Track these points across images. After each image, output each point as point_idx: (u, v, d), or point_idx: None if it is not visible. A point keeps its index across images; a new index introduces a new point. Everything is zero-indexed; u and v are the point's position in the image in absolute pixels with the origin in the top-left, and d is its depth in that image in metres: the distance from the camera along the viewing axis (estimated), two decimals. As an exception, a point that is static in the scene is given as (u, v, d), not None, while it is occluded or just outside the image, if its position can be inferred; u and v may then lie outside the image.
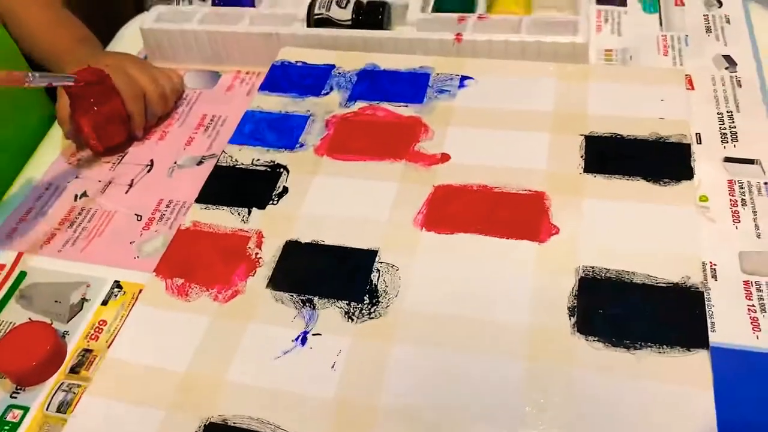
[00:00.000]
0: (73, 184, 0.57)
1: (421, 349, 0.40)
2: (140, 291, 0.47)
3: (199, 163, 0.57)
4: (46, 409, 0.42)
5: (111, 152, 0.59)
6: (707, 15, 0.65)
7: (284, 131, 0.56)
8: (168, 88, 0.61)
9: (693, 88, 0.58)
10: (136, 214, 0.54)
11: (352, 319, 0.42)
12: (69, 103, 0.55)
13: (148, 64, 0.64)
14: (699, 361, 0.38)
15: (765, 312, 0.42)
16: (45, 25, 0.64)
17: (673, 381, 0.37)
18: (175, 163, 0.58)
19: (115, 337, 0.44)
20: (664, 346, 0.39)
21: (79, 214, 0.54)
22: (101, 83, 0.55)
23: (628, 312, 0.41)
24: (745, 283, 0.44)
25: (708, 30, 0.63)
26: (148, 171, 0.58)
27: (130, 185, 0.56)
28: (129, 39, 0.71)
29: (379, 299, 0.43)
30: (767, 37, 0.62)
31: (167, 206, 0.54)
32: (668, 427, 0.36)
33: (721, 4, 0.66)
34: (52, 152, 0.61)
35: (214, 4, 0.68)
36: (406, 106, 0.56)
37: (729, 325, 0.42)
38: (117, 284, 0.49)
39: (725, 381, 0.38)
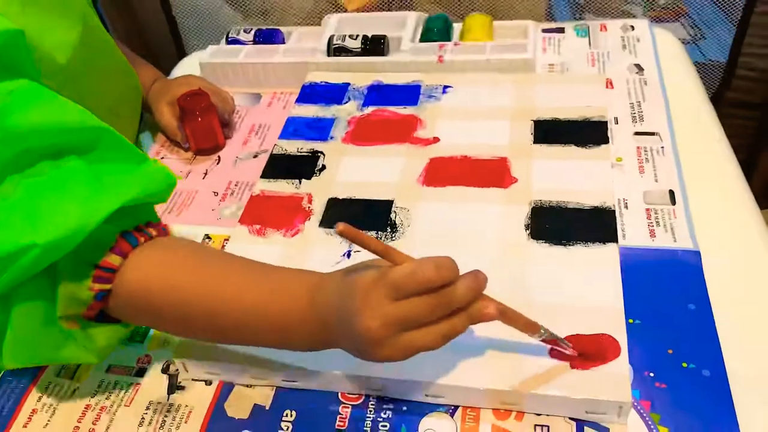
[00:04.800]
0: (162, 175, 0.77)
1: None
2: (225, 240, 0.66)
3: (255, 156, 0.77)
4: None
5: (202, 153, 0.78)
6: (623, 36, 0.88)
7: (318, 129, 0.76)
8: (228, 106, 0.82)
9: (613, 87, 0.79)
10: (213, 192, 0.74)
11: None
12: (179, 116, 0.76)
13: (214, 85, 0.84)
14: (611, 250, 0.58)
15: (659, 225, 0.63)
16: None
17: (594, 263, 0.58)
18: (237, 157, 0.78)
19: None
20: (588, 243, 0.59)
21: (171, 194, 0.74)
22: (204, 98, 0.75)
23: (564, 225, 0.61)
24: (647, 210, 0.65)
25: (624, 47, 0.86)
26: (218, 163, 0.78)
27: (206, 173, 0.77)
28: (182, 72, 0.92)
29: (397, 229, 0.63)
30: (666, 50, 0.84)
31: (236, 185, 0.74)
32: (590, 291, 0.55)
33: (633, 29, 0.89)
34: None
35: (254, 42, 0.90)
36: (405, 108, 0.77)
37: (635, 235, 0.62)
38: (207, 236, 0.68)
39: (631, 268, 0.59)
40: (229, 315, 0.46)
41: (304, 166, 0.71)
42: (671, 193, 0.66)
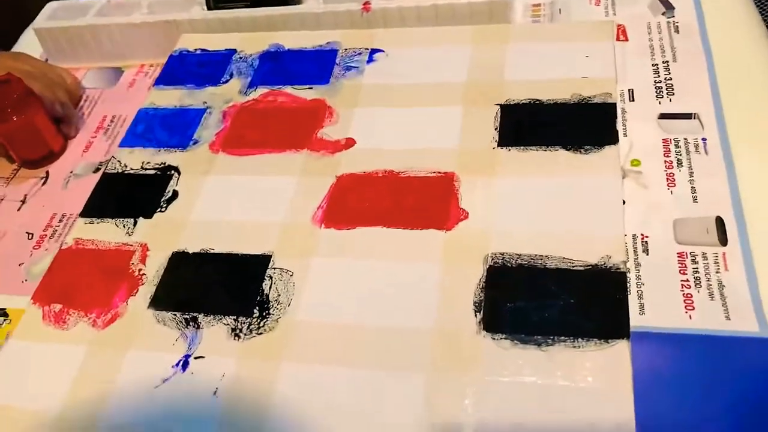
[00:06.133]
0: (-39, 205, 0.53)
1: (310, 366, 0.36)
2: (25, 319, 0.43)
3: (96, 170, 0.53)
4: None
5: (33, 165, 0.54)
6: (644, -44, 0.59)
7: (178, 128, 0.51)
8: (62, 93, 0.56)
9: (627, 39, 0.52)
10: (27, 233, 0.50)
11: (239, 337, 0.38)
12: None
13: (41, 63, 0.59)
14: (617, 354, 0.34)
15: (700, 287, 0.38)
16: None
17: (588, 378, 0.33)
18: (72, 172, 0.53)
19: (-8, 374, 0.40)
20: (579, 339, 0.34)
21: (-34, 238, 0.50)
22: (15, 86, 0.51)
23: (540, 303, 0.36)
24: (680, 254, 0.40)
25: (644, -27, 0.58)
26: (44, 183, 0.53)
27: (23, 201, 0.52)
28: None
29: (270, 311, 0.39)
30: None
31: (60, 221, 0.50)
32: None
33: (658, -57, 0.60)
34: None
35: (110, -6, 0.63)
36: (311, 88, 0.51)
37: (660, 305, 0.37)
38: (2, 312, 0.45)
39: (654, 368, 0.34)
40: None
41: (145, 195, 0.47)
42: (719, 222, 0.40)
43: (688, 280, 0.38)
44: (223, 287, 0.40)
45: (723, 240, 0.39)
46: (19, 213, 0.51)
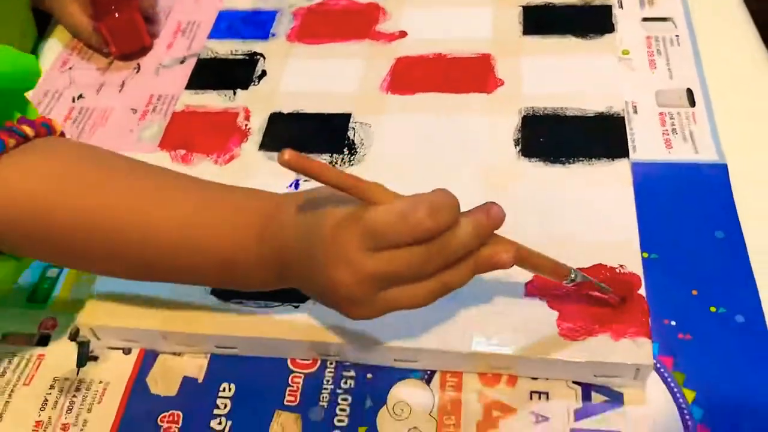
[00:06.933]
0: (69, 89, 0.63)
1: (392, 184, 0.48)
2: (146, 168, 0.53)
3: (182, 61, 0.63)
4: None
5: (126, 59, 0.64)
6: None
7: (257, 24, 0.62)
8: None
9: (616, -37, 0.65)
10: (131, 108, 0.60)
11: (336, 166, 0.50)
12: (91, 14, 0.61)
13: None
14: (621, 167, 0.47)
15: (676, 134, 0.51)
16: None
17: (601, 185, 0.46)
18: (160, 64, 0.64)
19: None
20: (592, 159, 0.47)
21: (79, 113, 0.60)
22: None
23: (563, 138, 0.49)
24: (660, 114, 0.53)
25: None
26: (137, 72, 0.63)
27: (122, 86, 0.62)
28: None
29: (357, 150, 0.51)
30: None
31: (158, 99, 0.60)
32: (596, 220, 0.45)
33: None
34: (43, 65, 0.66)
35: None
36: (365, -5, 0.63)
37: (648, 146, 0.51)
38: (124, 166, 0.55)
39: (644, 189, 0.47)
40: (148, 244, 0.36)
41: (239, 73, 0.58)
42: (689, 92, 0.54)
43: (667, 130, 0.52)
44: (317, 135, 0.52)
45: (692, 103, 0.53)
46: (120, 94, 0.62)
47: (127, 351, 0.45)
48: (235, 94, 0.56)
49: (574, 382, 0.40)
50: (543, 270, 0.37)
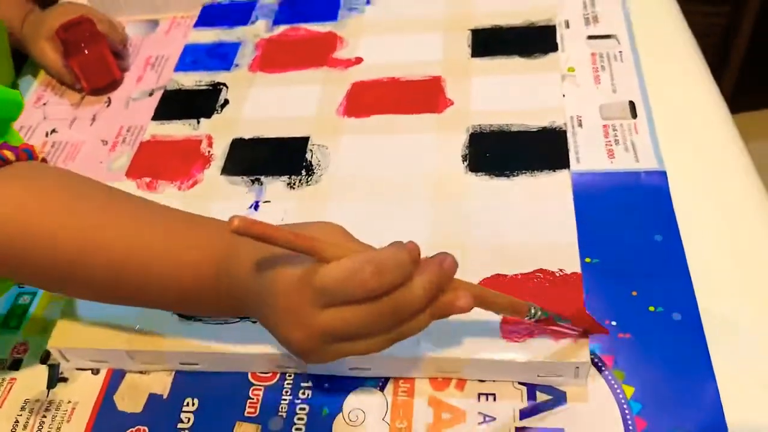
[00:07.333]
0: (42, 124, 0.65)
1: (348, 203, 0.51)
2: (115, 197, 0.56)
3: (151, 94, 0.66)
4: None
5: (97, 93, 0.67)
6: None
7: (220, 56, 0.65)
8: (119, 33, 0.69)
9: (562, -14, 0.68)
10: (102, 140, 0.62)
11: (294, 188, 0.52)
12: (62, 52, 0.64)
13: (102, 12, 0.72)
14: (562, 177, 0.49)
15: (618, 144, 0.54)
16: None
17: (542, 196, 0.49)
18: (130, 97, 0.66)
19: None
20: (535, 171, 0.50)
21: (52, 146, 0.63)
22: (88, 25, 0.64)
23: (507, 152, 0.52)
24: (604, 126, 0.56)
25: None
26: (108, 106, 0.66)
27: (93, 119, 0.65)
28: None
29: (314, 171, 0.53)
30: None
31: (128, 131, 0.63)
32: (538, 228, 0.47)
33: None
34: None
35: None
36: (323, 24, 0.66)
37: (591, 157, 0.53)
38: (94, 195, 0.57)
39: (587, 196, 0.50)
40: (112, 269, 0.38)
41: (203, 103, 0.60)
42: (632, 104, 0.56)
43: (610, 141, 0.55)
44: (276, 158, 0.54)
45: (634, 115, 0.56)
46: (92, 127, 0.64)
47: (95, 371, 0.47)
48: (198, 122, 0.59)
49: (520, 383, 0.42)
50: (502, 309, 0.37)
